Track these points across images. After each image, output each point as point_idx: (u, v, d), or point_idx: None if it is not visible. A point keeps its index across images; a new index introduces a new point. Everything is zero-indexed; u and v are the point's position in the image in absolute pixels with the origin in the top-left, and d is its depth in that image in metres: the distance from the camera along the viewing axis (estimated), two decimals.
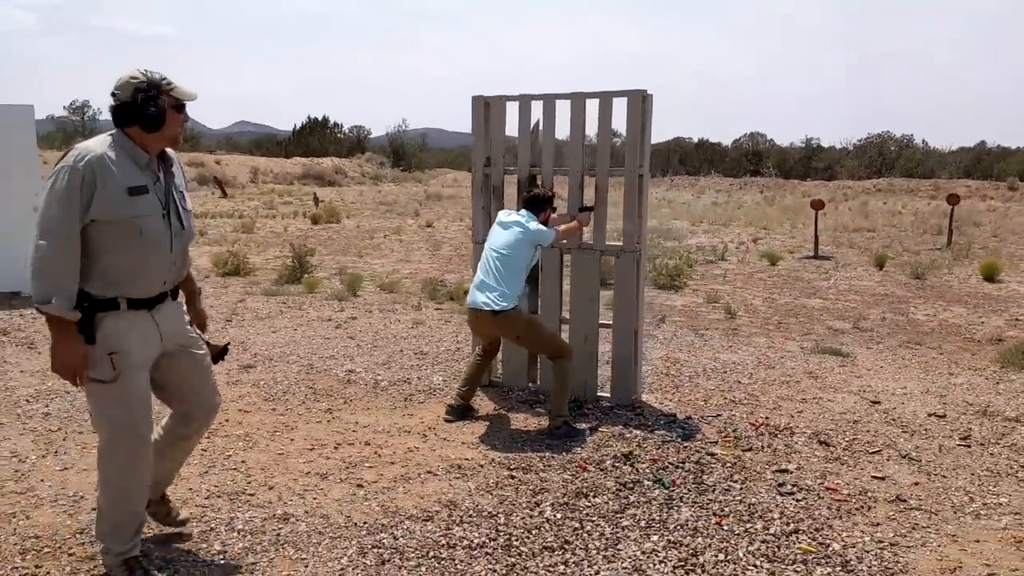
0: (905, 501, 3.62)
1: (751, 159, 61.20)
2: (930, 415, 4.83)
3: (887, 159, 57.24)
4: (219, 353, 2.94)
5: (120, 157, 2.50)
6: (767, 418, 4.71)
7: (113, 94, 2.53)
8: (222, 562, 2.93)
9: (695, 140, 68.72)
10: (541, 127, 5.14)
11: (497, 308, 4.36)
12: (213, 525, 3.21)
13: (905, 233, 17.50)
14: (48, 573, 2.81)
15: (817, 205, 13.65)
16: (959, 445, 4.35)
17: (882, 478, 3.88)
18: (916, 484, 3.83)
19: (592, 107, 4.95)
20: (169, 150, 2.69)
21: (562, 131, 5.14)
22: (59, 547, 2.98)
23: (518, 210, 4.78)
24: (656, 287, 9.54)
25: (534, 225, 4.55)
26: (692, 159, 62.18)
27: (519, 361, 5.26)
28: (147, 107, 2.49)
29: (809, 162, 61.37)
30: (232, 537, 3.12)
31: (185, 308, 2.84)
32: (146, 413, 2.61)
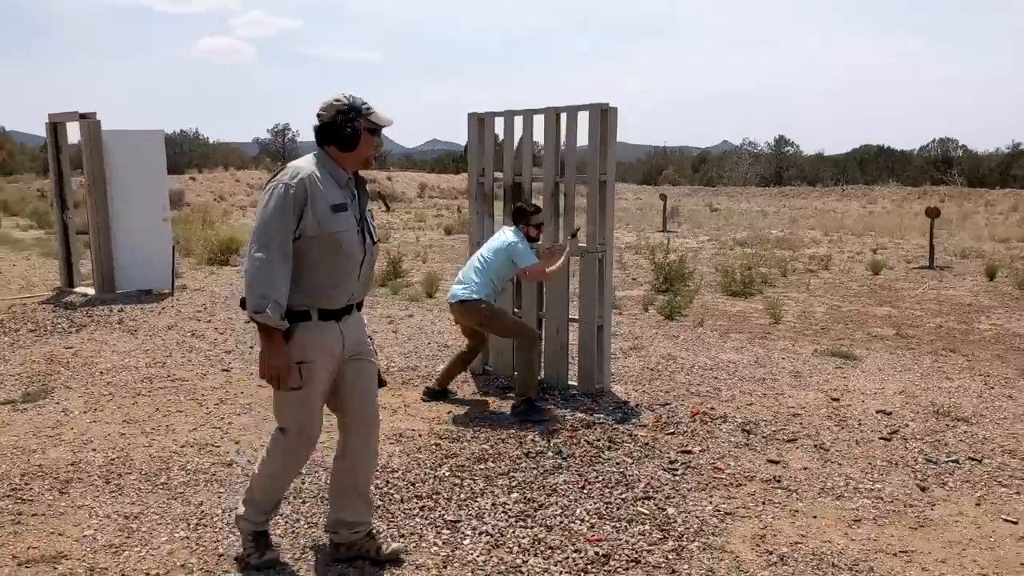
0: (779, 481, 3.83)
1: (938, 167, 56.52)
2: (878, 412, 4.86)
3: None
4: (381, 380, 3.04)
5: (324, 175, 2.66)
6: (712, 408, 4.96)
7: (318, 115, 2.71)
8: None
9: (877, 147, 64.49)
10: (520, 139, 5.70)
11: (462, 298, 4.92)
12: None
13: None
14: (32, 490, 3.75)
15: (932, 213, 12.90)
16: (881, 439, 4.40)
17: (776, 462, 4.09)
18: (804, 468, 4.00)
19: (565, 120, 5.44)
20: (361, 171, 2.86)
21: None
22: (52, 475, 3.93)
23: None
24: (727, 294, 9.63)
25: (515, 243, 4.91)
26: (870, 168, 58.44)
27: (507, 352, 5.81)
28: (344, 128, 2.66)
29: (1008, 169, 55.70)
30: (182, 474, 3.95)
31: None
32: (320, 418, 2.84)
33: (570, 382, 5.46)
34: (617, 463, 4.08)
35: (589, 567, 3.01)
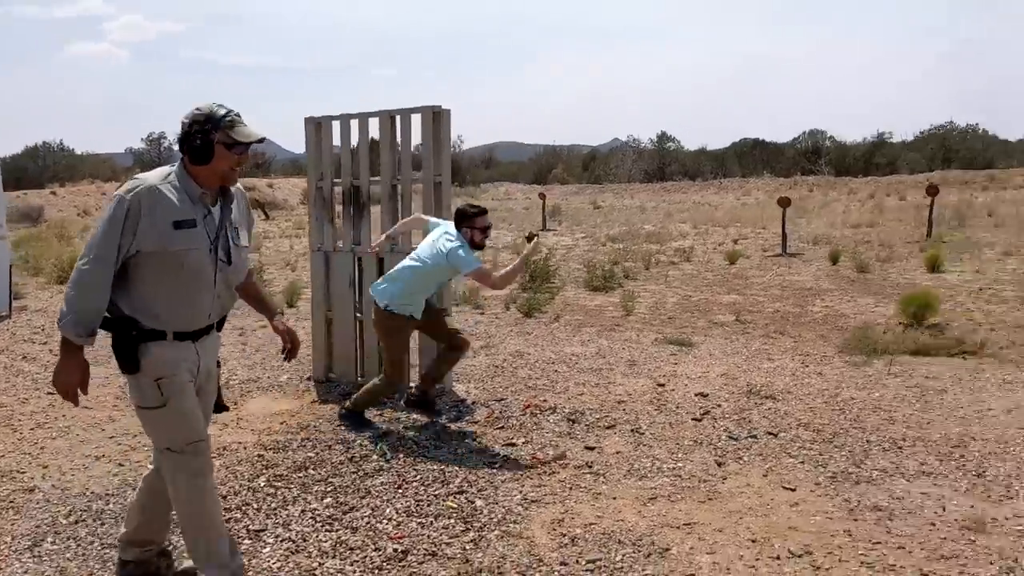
0: (590, 467, 4.01)
1: (809, 157, 59.78)
2: (696, 395, 5.16)
3: (949, 151, 54.99)
4: (221, 405, 2.95)
5: (174, 189, 2.53)
6: (545, 400, 5.12)
7: (180, 123, 2.59)
8: None
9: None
10: (357, 142, 5.71)
11: (377, 303, 4.58)
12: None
13: (906, 227, 17.19)
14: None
15: (783, 203, 13.71)
16: (693, 420, 4.67)
17: (592, 448, 4.27)
18: (617, 453, 4.21)
19: (402, 122, 5.47)
20: (234, 186, 2.72)
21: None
22: None
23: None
24: (589, 289, 9.91)
25: (455, 248, 4.41)
26: (747, 161, 61.18)
27: (349, 357, 5.80)
28: (195, 139, 2.53)
29: (871, 158, 59.55)
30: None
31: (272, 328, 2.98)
32: (203, 426, 2.68)
33: (411, 384, 5.51)
34: (440, 460, 4.16)
35: (385, 564, 3.07)
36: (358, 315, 5.74)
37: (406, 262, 4.62)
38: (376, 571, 3.02)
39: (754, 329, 7.36)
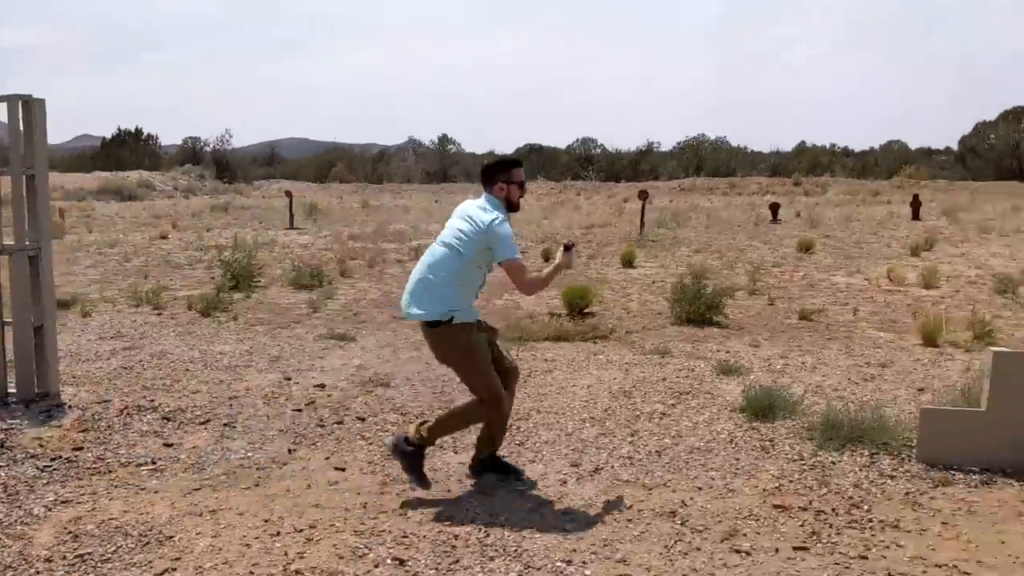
0: (154, 463, 3.96)
1: (581, 163, 63.38)
2: (315, 386, 5.30)
3: (702, 160, 60.80)
4: None
5: None
6: (152, 400, 5.00)
7: None
8: None
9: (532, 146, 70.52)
10: None
11: (441, 317, 3.44)
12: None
13: (632, 227, 18.74)
14: None
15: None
16: (294, 410, 4.81)
17: (170, 445, 4.24)
18: (194, 448, 4.21)
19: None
20: None
21: None
22: None
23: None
24: (295, 287, 9.78)
25: (497, 220, 3.40)
26: (527, 165, 63.63)
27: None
28: None
29: (637, 165, 64.33)
30: None
31: None
32: None
33: (10, 388, 5.15)
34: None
35: None
36: None
37: (436, 253, 3.50)
38: None
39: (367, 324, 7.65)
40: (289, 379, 5.48)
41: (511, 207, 3.56)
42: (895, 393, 5.19)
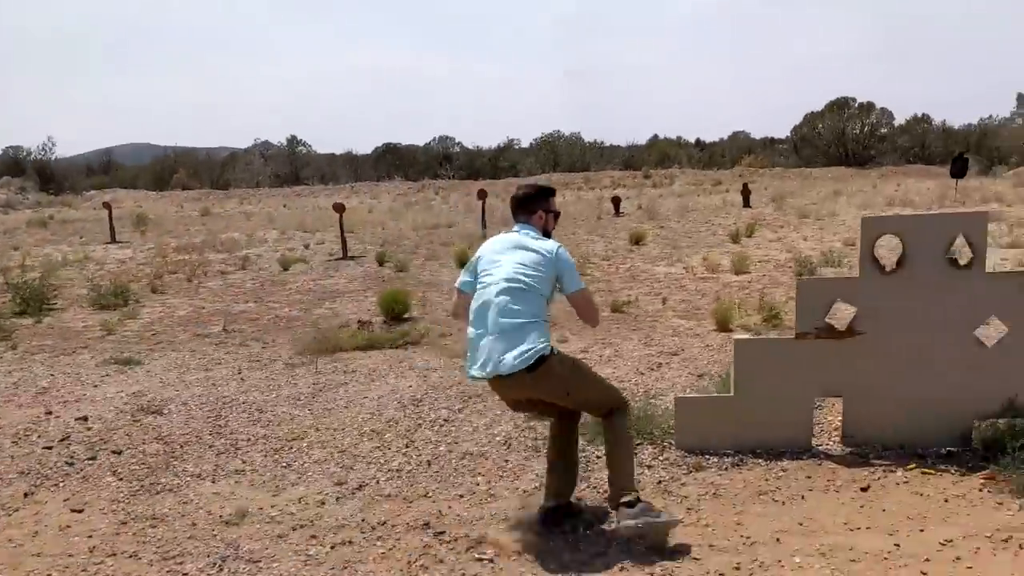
0: None
1: (441, 162, 63.22)
2: (77, 419, 4.90)
3: (558, 155, 62.17)
4: None
5: None
6: None
7: None
8: None
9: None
10: None
11: (530, 360, 2.99)
12: None
13: (476, 224, 18.82)
14: None
15: (338, 208, 14.09)
16: (44, 448, 4.43)
17: None
18: None
19: None
20: None
21: None
22: None
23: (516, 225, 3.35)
24: (97, 307, 9.06)
25: (562, 250, 3.20)
26: (383, 165, 62.87)
27: None
28: None
29: (497, 162, 64.91)
30: None
31: None
32: None
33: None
34: None
35: None
36: None
37: (502, 289, 3.09)
38: None
39: (234, 338, 7.30)
40: (50, 413, 5.02)
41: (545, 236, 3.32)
42: (676, 380, 5.39)
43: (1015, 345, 3.89)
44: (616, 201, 21.71)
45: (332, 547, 3.20)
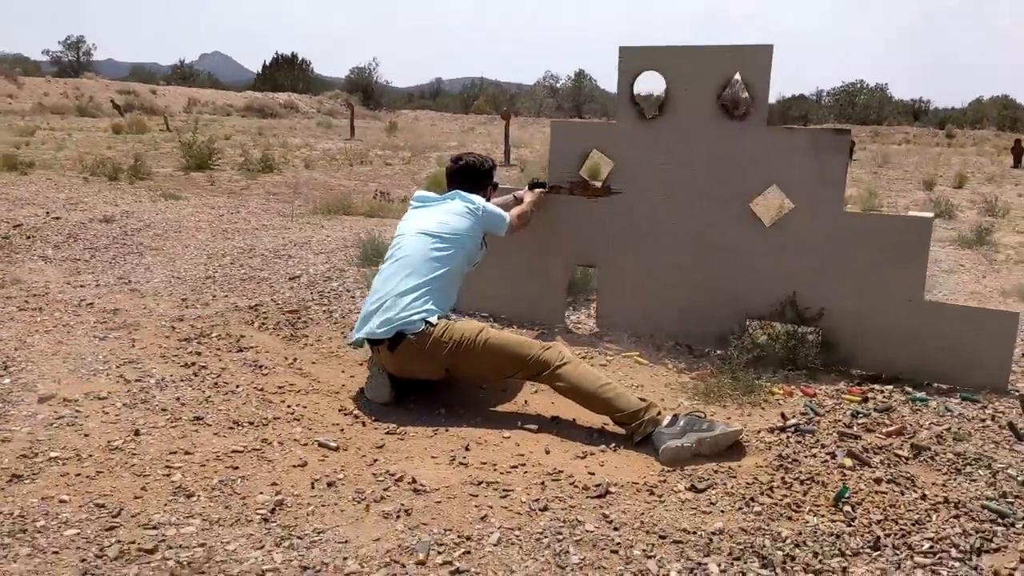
0: None
1: None
2: None
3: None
4: None
5: None
6: None
7: None
8: None
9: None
10: None
11: (411, 330, 2.65)
12: None
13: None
14: None
15: (505, 116, 14.14)
16: None
17: None
18: None
19: None
20: None
21: None
22: None
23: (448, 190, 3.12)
24: None
25: (483, 204, 3.00)
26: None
27: None
28: None
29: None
30: None
31: None
32: None
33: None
34: None
35: None
36: None
37: (415, 248, 2.82)
38: None
39: (295, 199, 7.95)
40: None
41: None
42: None
43: (800, 227, 2.96)
44: (1018, 150, 17.59)
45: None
